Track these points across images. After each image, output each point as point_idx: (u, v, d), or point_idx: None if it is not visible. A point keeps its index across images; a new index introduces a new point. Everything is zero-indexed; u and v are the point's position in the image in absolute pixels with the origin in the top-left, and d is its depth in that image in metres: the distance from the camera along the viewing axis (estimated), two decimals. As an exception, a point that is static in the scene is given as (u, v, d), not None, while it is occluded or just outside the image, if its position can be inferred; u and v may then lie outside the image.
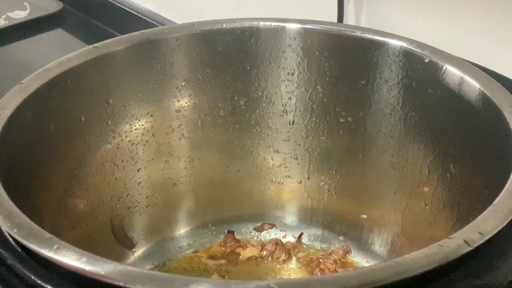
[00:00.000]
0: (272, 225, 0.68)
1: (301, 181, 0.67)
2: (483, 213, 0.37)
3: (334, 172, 0.65)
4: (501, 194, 0.39)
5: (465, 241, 0.34)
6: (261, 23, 0.61)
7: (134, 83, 0.60)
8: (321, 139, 0.64)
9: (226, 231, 0.67)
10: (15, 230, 0.36)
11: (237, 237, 0.67)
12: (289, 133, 0.65)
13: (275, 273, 0.63)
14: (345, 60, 0.60)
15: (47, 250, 0.34)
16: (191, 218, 0.67)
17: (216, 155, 0.66)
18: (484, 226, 0.36)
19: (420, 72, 0.55)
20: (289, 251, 0.65)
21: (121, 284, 0.32)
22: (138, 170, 0.62)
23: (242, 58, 0.62)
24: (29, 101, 0.49)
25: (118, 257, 0.61)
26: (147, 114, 0.61)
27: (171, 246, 0.65)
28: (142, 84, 0.60)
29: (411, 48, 0.56)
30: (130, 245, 0.63)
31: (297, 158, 0.66)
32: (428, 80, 0.55)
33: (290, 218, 0.68)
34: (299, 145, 0.65)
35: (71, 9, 1.09)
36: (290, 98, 0.64)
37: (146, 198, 0.64)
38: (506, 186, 0.39)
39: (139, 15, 1.01)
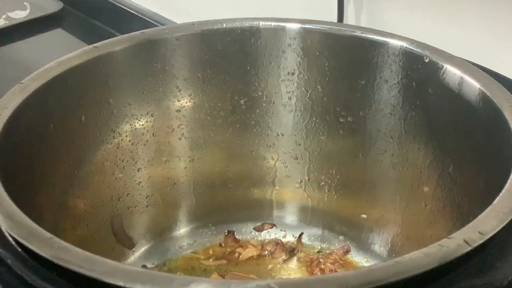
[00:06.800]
0: (272, 225, 0.68)
1: (301, 181, 0.67)
2: (483, 213, 0.37)
3: (334, 172, 0.65)
4: (501, 194, 0.39)
5: (465, 241, 0.34)
6: (261, 23, 0.61)
7: (134, 83, 0.60)
8: (321, 139, 0.64)
9: (226, 231, 0.67)
10: (15, 230, 0.36)
11: (237, 237, 0.67)
12: (289, 133, 0.65)
13: (275, 273, 0.63)
14: (345, 60, 0.60)
15: (47, 250, 0.34)
16: (191, 218, 0.67)
17: (216, 155, 0.66)
18: (484, 226, 0.36)
19: (420, 72, 0.55)
20: (289, 251, 0.65)
21: (121, 283, 0.32)
22: (138, 170, 0.62)
23: (242, 58, 0.62)
24: (29, 101, 0.49)
25: (118, 257, 0.61)
26: (147, 114, 0.61)
27: (171, 246, 0.65)
28: (142, 84, 0.60)
29: (411, 48, 0.56)
30: (130, 245, 0.63)
31: (297, 158, 0.66)
32: (428, 80, 0.55)
33: (290, 218, 0.68)
34: (299, 145, 0.65)
35: (71, 9, 1.10)
36: (290, 98, 0.64)
37: (146, 198, 0.64)
38: (506, 186, 0.39)
39: (139, 15, 1.01)
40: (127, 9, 1.03)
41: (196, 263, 0.64)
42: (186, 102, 0.63)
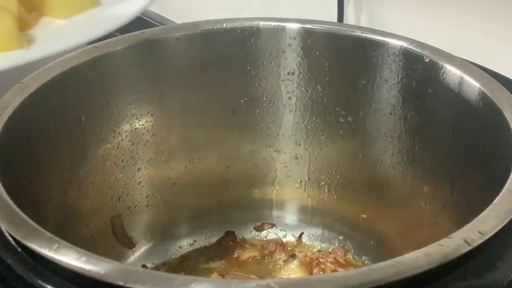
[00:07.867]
0: (272, 225, 0.68)
1: (301, 181, 0.67)
2: (483, 213, 0.37)
3: (334, 172, 0.65)
4: (501, 194, 0.39)
5: (465, 240, 0.34)
6: (261, 23, 0.61)
7: (134, 83, 0.60)
8: (321, 139, 0.64)
9: (226, 231, 0.67)
10: (15, 230, 0.36)
11: (237, 237, 0.67)
12: (289, 133, 0.65)
13: (275, 273, 0.63)
14: (345, 60, 0.61)
15: (47, 250, 0.34)
16: (191, 218, 0.67)
17: (216, 155, 0.66)
18: (484, 225, 0.36)
19: (420, 72, 0.55)
20: (289, 251, 0.65)
21: (121, 283, 0.32)
22: (138, 170, 0.62)
23: (242, 58, 0.62)
24: (29, 101, 0.49)
25: (118, 257, 0.62)
26: (147, 113, 0.61)
27: (171, 246, 0.65)
28: (142, 84, 0.60)
29: (411, 48, 0.56)
30: (130, 245, 0.63)
31: (297, 158, 0.66)
32: (428, 80, 0.55)
33: (290, 217, 0.68)
34: (299, 145, 0.65)
35: (71, 9, 1.09)
36: (290, 98, 0.64)
37: (146, 197, 0.64)
38: (506, 186, 0.39)
39: (139, 15, 1.00)
40: (127, 9, 1.02)
41: (196, 263, 0.64)
42: (186, 102, 0.63)
